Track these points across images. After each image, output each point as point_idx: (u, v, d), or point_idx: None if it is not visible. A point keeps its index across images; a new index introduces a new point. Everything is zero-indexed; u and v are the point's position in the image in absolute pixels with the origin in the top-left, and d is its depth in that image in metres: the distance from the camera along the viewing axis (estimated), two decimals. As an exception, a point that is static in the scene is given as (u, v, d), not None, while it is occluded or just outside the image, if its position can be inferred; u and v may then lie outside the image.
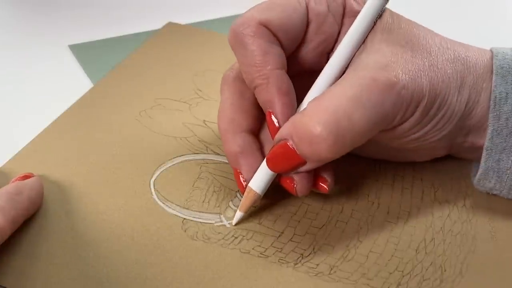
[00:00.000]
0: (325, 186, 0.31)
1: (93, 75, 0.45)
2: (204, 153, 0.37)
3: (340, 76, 0.31)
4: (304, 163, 0.29)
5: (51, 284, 0.29)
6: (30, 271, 0.29)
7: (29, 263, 0.29)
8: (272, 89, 0.30)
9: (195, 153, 0.37)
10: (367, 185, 0.35)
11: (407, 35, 0.31)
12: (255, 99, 0.32)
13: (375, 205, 0.34)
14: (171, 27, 0.51)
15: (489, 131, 0.31)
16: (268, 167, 0.30)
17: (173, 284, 0.29)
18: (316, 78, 0.31)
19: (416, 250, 0.31)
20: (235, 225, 0.32)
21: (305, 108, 0.29)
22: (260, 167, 0.31)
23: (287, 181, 0.31)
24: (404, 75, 0.29)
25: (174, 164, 0.36)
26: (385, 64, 0.29)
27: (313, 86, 0.31)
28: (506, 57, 0.31)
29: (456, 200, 0.34)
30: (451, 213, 0.33)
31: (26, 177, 0.33)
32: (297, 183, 0.31)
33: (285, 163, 0.30)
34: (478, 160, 0.33)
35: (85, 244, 0.31)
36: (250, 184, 0.31)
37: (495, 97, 0.31)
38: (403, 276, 0.30)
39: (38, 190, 0.32)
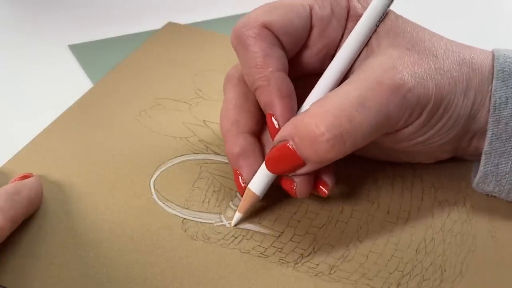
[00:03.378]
0: (325, 190, 0.31)
1: (93, 75, 0.45)
2: (204, 153, 0.37)
3: (342, 79, 0.31)
4: (303, 164, 0.29)
5: (51, 284, 0.29)
6: (29, 271, 0.29)
7: (28, 263, 0.29)
8: (273, 91, 0.30)
9: (195, 153, 0.37)
10: (367, 185, 0.35)
11: (413, 39, 0.31)
12: None
13: (375, 205, 0.34)
14: (171, 27, 0.51)
15: (488, 135, 0.31)
16: (267, 169, 0.30)
17: (173, 284, 0.29)
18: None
19: (416, 250, 0.31)
20: (234, 226, 0.32)
21: (307, 109, 0.29)
22: (260, 168, 0.31)
23: (287, 182, 0.31)
24: (410, 78, 0.29)
25: (174, 164, 0.36)
26: (391, 67, 0.29)
27: (314, 89, 0.31)
28: (507, 60, 0.31)
29: (456, 200, 0.34)
30: (451, 213, 0.33)
31: (25, 177, 0.33)
32: (297, 185, 0.30)
33: (285, 164, 0.30)
34: (478, 161, 0.33)
35: (85, 244, 0.31)
36: (249, 186, 0.31)
37: (495, 101, 0.30)
38: (403, 276, 0.30)
39: (37, 190, 0.32)
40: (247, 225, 0.32)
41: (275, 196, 0.33)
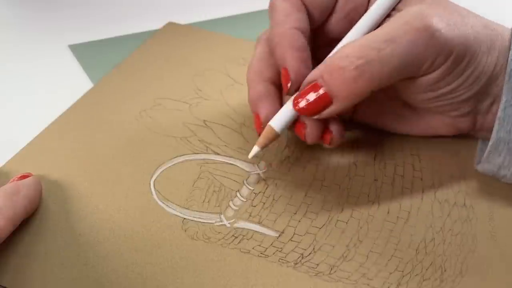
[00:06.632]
0: (329, 137, 0.32)
1: (93, 75, 0.45)
2: (204, 153, 0.37)
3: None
4: (330, 101, 0.30)
5: (51, 284, 0.29)
6: (29, 270, 0.29)
7: (28, 263, 0.29)
8: (286, 45, 0.32)
9: (195, 153, 0.37)
10: (367, 185, 0.35)
11: (437, 1, 0.32)
12: None
13: (375, 205, 0.34)
14: (171, 27, 0.51)
15: (502, 101, 0.31)
16: (294, 108, 0.31)
17: (173, 284, 0.29)
18: None
19: (416, 250, 0.31)
20: (251, 157, 0.32)
21: (336, 51, 0.31)
22: (281, 109, 0.32)
23: (300, 127, 0.32)
24: (440, 22, 0.30)
25: (174, 164, 0.36)
26: (419, 13, 0.30)
27: (343, 39, 0.33)
28: None
29: (456, 199, 0.34)
30: (451, 212, 0.33)
31: (24, 177, 0.33)
32: (307, 127, 0.32)
33: (313, 103, 0.30)
34: (484, 141, 0.34)
35: (85, 244, 0.31)
36: (270, 123, 0.32)
37: (511, 70, 0.31)
38: (403, 276, 0.30)
39: (36, 189, 0.32)
40: (247, 225, 0.32)
41: (275, 194, 0.34)
